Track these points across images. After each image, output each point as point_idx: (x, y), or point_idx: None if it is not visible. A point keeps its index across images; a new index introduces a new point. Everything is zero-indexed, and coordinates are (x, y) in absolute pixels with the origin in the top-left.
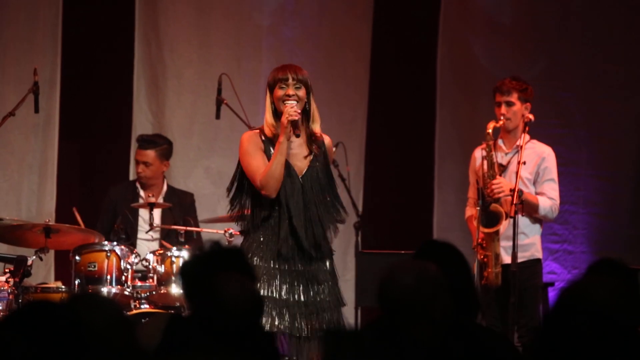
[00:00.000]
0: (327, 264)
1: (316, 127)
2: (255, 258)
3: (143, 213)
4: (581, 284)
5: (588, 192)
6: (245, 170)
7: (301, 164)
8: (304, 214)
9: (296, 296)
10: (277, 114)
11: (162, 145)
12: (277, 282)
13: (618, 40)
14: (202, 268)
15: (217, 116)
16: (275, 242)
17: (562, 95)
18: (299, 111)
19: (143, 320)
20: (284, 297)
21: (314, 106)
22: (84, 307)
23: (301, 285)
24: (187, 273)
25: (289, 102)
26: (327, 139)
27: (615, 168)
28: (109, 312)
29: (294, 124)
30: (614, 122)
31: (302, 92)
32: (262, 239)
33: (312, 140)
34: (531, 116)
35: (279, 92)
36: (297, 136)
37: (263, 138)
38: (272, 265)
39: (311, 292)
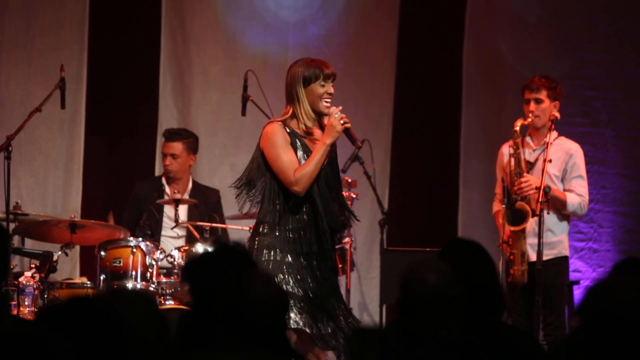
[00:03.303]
0: (334, 258)
1: (325, 119)
2: (282, 253)
3: (168, 210)
4: (607, 283)
5: (614, 190)
6: (273, 163)
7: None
8: (326, 207)
9: (316, 292)
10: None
11: (189, 138)
12: (307, 278)
13: None
14: (207, 267)
15: (243, 113)
16: (303, 238)
17: (588, 94)
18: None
19: None
20: (310, 294)
21: None
22: (120, 302)
23: (318, 282)
24: (192, 273)
25: (334, 109)
26: None
27: None
28: (145, 308)
29: (346, 131)
30: (639, 122)
31: (333, 90)
32: (289, 234)
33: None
34: (557, 114)
35: (319, 90)
36: (359, 148)
37: (288, 130)
38: (300, 260)
39: (327, 288)
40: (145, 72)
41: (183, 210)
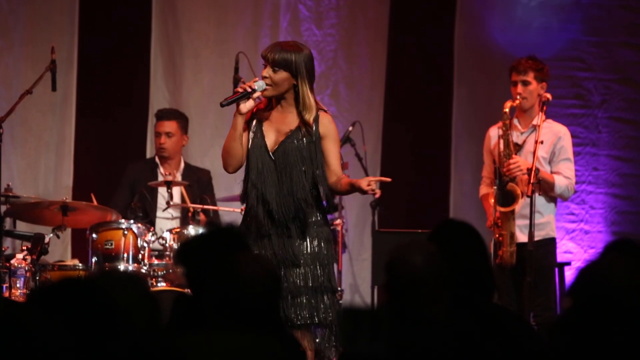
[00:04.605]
0: (309, 244)
1: (307, 115)
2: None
3: (162, 191)
4: (599, 264)
5: (606, 172)
6: None
7: (276, 139)
8: (275, 190)
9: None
10: None
11: (182, 117)
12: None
13: (636, 20)
14: (200, 250)
15: None
16: (251, 221)
17: (580, 75)
18: (253, 86)
19: None
20: None
21: (303, 91)
22: (112, 284)
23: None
24: (186, 256)
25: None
26: (324, 117)
27: (632, 149)
28: (136, 290)
29: (242, 95)
30: (632, 104)
31: (279, 76)
32: (246, 217)
33: (305, 124)
34: (549, 95)
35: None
36: (221, 105)
37: (253, 111)
38: (257, 242)
39: (289, 277)
40: (136, 55)
41: (176, 191)
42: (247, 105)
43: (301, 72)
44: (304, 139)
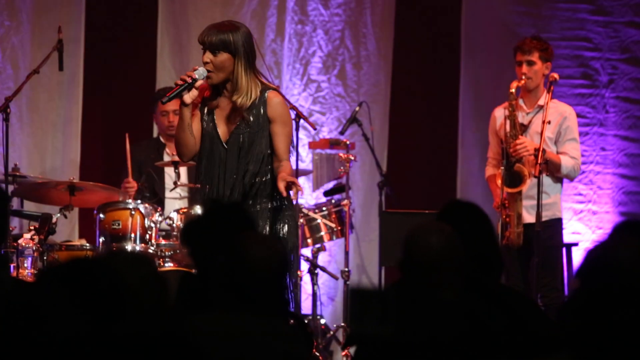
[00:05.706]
0: (262, 230)
1: (237, 98)
2: None
3: (170, 171)
4: (607, 245)
5: (613, 152)
6: None
7: (228, 128)
8: (227, 178)
9: None
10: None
11: None
12: None
13: None
14: (205, 229)
15: None
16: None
17: (588, 55)
18: (194, 75)
19: None
20: None
21: (237, 71)
22: (120, 264)
23: None
24: (190, 235)
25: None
26: (273, 98)
27: (639, 129)
28: (144, 270)
29: (183, 87)
30: (639, 83)
31: (220, 58)
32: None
33: (241, 109)
34: (556, 75)
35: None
36: (162, 102)
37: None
38: None
39: None
40: (143, 34)
41: (183, 170)
42: (190, 96)
43: (239, 52)
44: (253, 126)
